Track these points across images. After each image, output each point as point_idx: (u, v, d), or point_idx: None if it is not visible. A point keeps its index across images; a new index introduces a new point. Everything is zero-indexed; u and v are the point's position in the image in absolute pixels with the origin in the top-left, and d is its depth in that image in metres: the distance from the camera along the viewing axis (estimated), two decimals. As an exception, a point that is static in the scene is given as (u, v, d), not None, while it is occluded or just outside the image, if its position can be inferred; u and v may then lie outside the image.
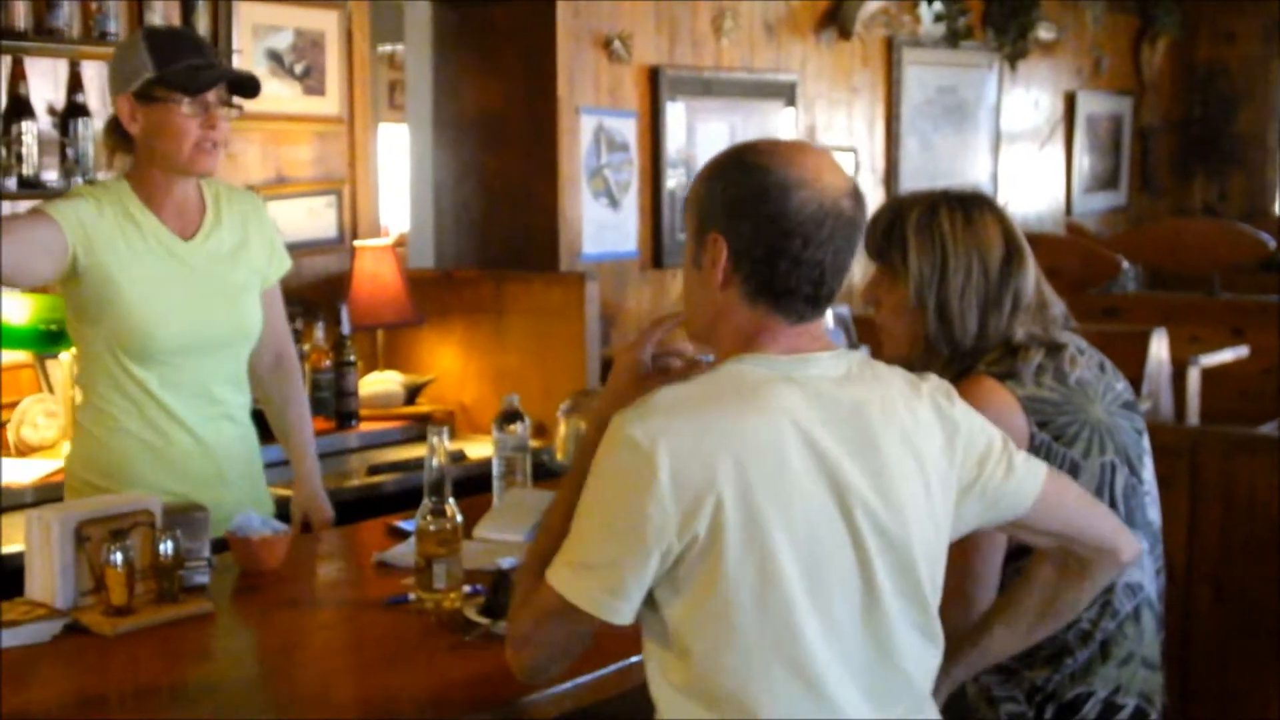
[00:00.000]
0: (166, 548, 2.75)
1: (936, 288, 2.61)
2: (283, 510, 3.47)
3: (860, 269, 2.90)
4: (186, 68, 3.06)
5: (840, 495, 2.04)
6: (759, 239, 2.07)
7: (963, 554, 2.39)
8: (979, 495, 2.18)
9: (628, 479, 1.99)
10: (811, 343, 2.11)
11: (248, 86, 3.17)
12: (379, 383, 4.99)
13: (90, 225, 3.07)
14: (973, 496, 2.18)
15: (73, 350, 3.51)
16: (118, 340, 3.12)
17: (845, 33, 6.89)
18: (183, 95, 3.06)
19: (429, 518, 2.77)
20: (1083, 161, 8.98)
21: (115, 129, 3.16)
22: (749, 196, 2.07)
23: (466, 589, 2.80)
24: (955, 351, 2.63)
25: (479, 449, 4.49)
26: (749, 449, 1.98)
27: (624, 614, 2.03)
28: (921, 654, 2.14)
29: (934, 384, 2.20)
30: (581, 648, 2.17)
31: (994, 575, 2.55)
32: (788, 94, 6.63)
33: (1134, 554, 2.36)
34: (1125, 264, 7.64)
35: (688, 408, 2.01)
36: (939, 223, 2.62)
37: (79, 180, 4.21)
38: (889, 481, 2.07)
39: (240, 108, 3.18)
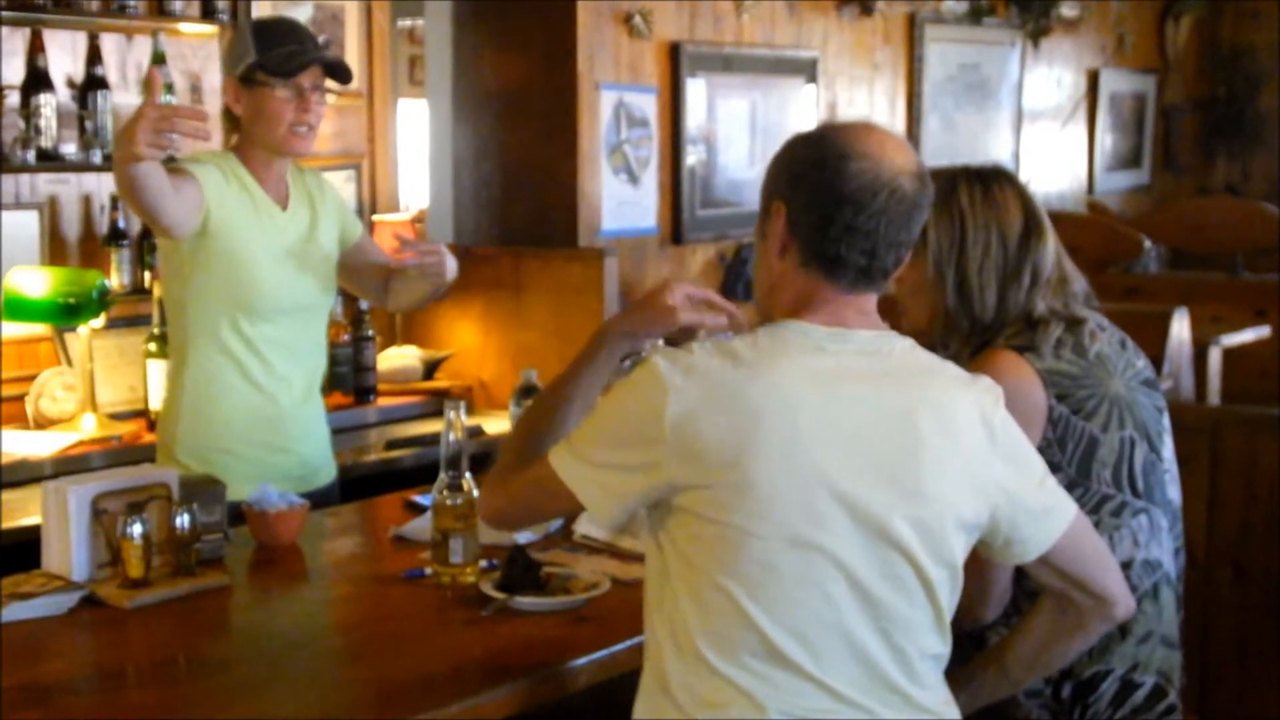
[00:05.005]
0: (183, 521, 2.76)
1: (955, 261, 2.61)
2: (346, 473, 3.75)
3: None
4: (283, 53, 3.27)
5: (849, 468, 2.06)
6: (814, 205, 2.13)
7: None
8: (1007, 514, 2.18)
9: (640, 402, 2.11)
10: (859, 317, 2.16)
11: (341, 72, 3.38)
12: (397, 358, 4.99)
13: (220, 185, 3.28)
14: (1000, 512, 2.17)
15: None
16: (235, 297, 3.32)
17: (867, 9, 6.85)
18: (278, 79, 3.28)
19: (446, 492, 2.78)
20: (1105, 140, 8.93)
21: (229, 110, 3.39)
22: (809, 164, 2.15)
23: (483, 564, 2.81)
24: (974, 325, 2.63)
25: (497, 424, 4.49)
26: (759, 410, 2.04)
27: (611, 517, 2.17)
28: (926, 640, 2.14)
29: (985, 385, 2.21)
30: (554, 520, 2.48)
31: (1002, 584, 2.53)
32: (809, 71, 6.60)
33: (1128, 612, 2.38)
34: (1147, 243, 7.60)
35: (716, 360, 2.09)
36: (957, 197, 2.61)
37: (97, 154, 4.21)
38: (913, 460, 2.09)
39: (335, 93, 3.41)
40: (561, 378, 2.44)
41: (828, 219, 2.12)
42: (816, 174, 2.13)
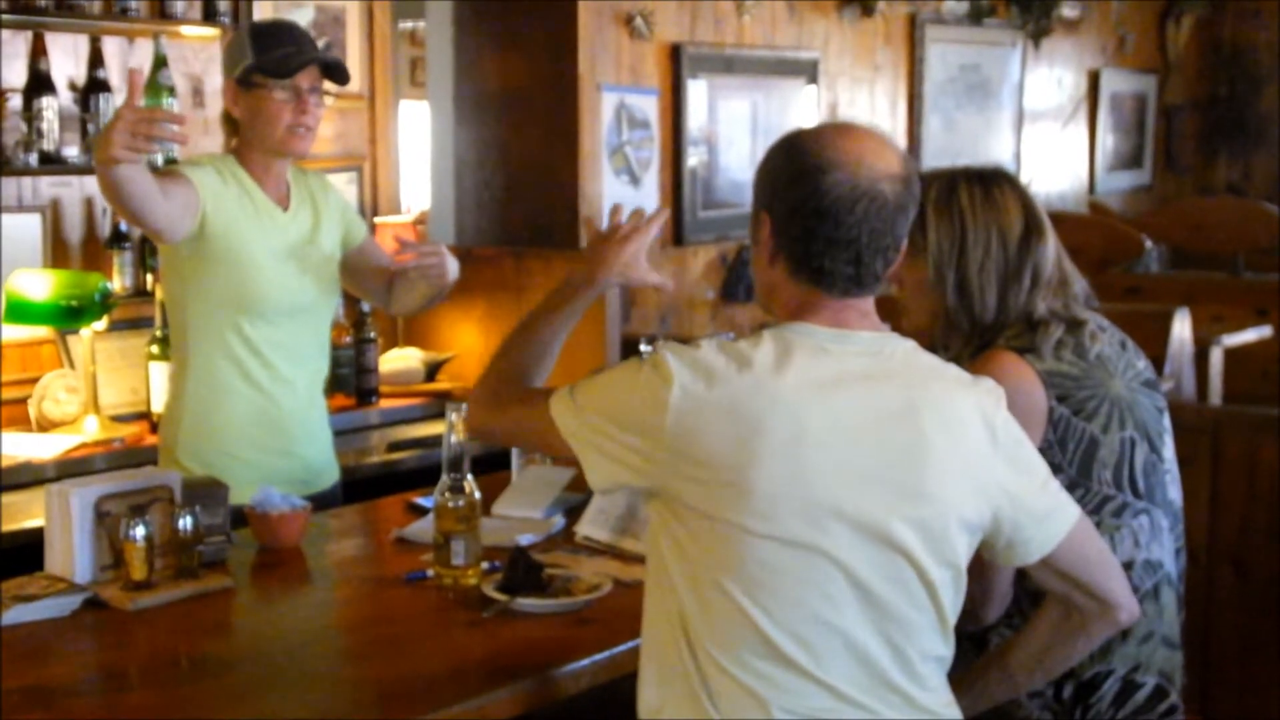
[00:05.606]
0: (186, 523, 2.76)
1: (955, 262, 2.61)
2: (348, 475, 3.73)
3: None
4: (280, 55, 3.26)
5: (850, 474, 2.06)
6: (794, 219, 2.14)
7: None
8: (1009, 516, 2.18)
9: (644, 391, 2.12)
10: (859, 319, 2.16)
11: (338, 73, 3.37)
12: (399, 359, 4.99)
13: (217, 188, 3.28)
14: (1003, 513, 2.17)
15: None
16: (236, 299, 3.31)
17: (868, 10, 6.85)
18: (275, 81, 3.27)
19: (448, 494, 2.78)
20: (1106, 140, 8.93)
21: (229, 113, 3.39)
22: (788, 177, 2.15)
23: (485, 565, 2.81)
24: (975, 326, 2.63)
25: (499, 426, 4.49)
26: (761, 418, 2.04)
27: (605, 483, 2.18)
28: (928, 642, 2.14)
29: (987, 387, 2.21)
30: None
31: (1004, 586, 2.53)
32: (810, 72, 6.60)
33: (1131, 617, 2.37)
34: (1149, 243, 7.61)
35: (722, 359, 2.09)
36: (958, 198, 2.62)
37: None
38: (915, 461, 2.09)
39: (332, 94, 3.40)
40: (544, 312, 2.66)
41: (809, 233, 2.12)
42: (794, 188, 2.13)
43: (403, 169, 5.45)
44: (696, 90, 6.02)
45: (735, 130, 6.24)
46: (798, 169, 2.13)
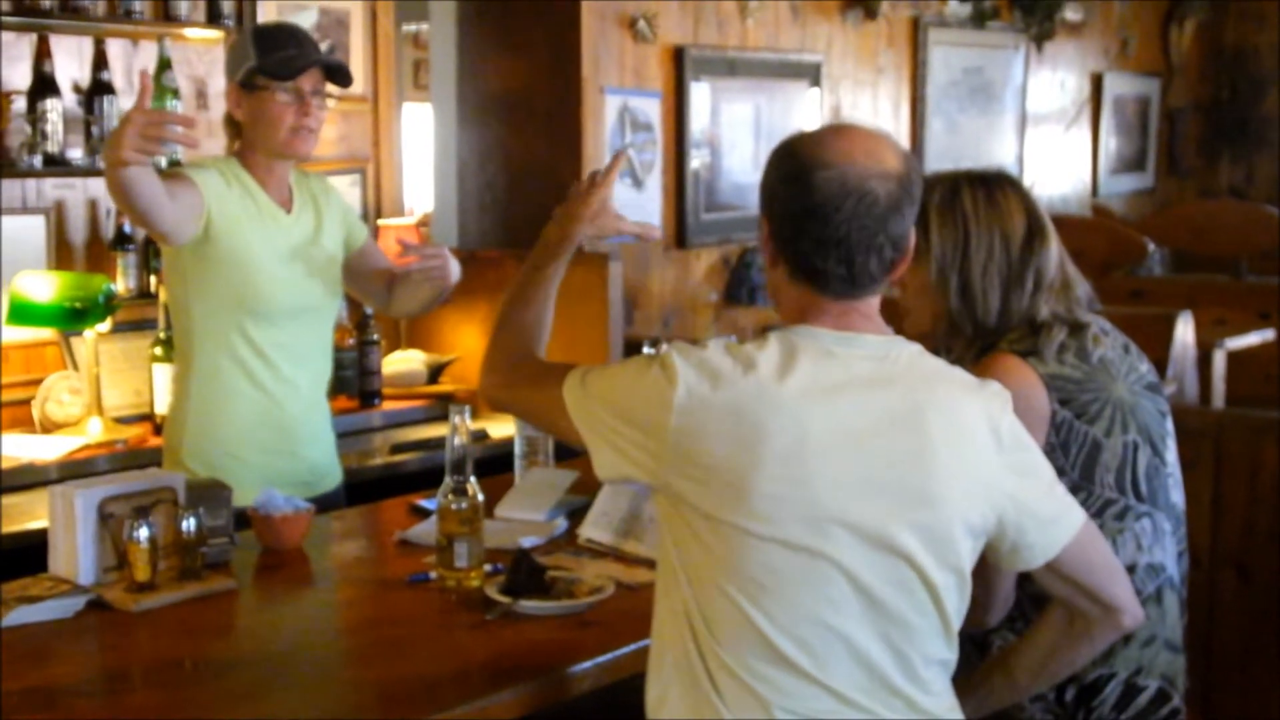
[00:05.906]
0: (189, 524, 2.76)
1: (959, 266, 2.61)
2: (351, 477, 3.72)
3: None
4: (282, 57, 3.28)
5: (853, 482, 2.06)
6: (786, 220, 2.15)
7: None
8: (1014, 520, 2.17)
9: (649, 388, 2.13)
10: (862, 321, 2.16)
11: (341, 75, 3.38)
12: (402, 362, 5.00)
13: (221, 190, 3.29)
14: (1007, 518, 2.17)
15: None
16: (240, 301, 3.32)
17: (871, 13, 6.86)
18: (278, 83, 3.28)
19: (451, 496, 2.78)
20: (1109, 143, 8.93)
21: (231, 116, 3.39)
22: (779, 180, 2.16)
23: (488, 568, 2.81)
24: (978, 330, 2.63)
25: (501, 428, 4.50)
26: (763, 424, 2.05)
27: (611, 472, 2.20)
28: (931, 646, 2.14)
29: (993, 390, 2.21)
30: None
31: (1006, 589, 2.53)
32: (813, 74, 6.61)
33: (1135, 621, 2.36)
34: (1151, 246, 7.61)
35: (728, 361, 2.10)
36: (961, 201, 2.62)
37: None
38: (920, 465, 2.09)
39: (335, 97, 3.35)
40: (532, 277, 2.69)
41: (799, 233, 2.13)
42: (785, 189, 2.14)
43: (406, 171, 5.45)
44: (699, 93, 6.03)
45: (738, 133, 6.24)
46: (788, 171, 2.14)
